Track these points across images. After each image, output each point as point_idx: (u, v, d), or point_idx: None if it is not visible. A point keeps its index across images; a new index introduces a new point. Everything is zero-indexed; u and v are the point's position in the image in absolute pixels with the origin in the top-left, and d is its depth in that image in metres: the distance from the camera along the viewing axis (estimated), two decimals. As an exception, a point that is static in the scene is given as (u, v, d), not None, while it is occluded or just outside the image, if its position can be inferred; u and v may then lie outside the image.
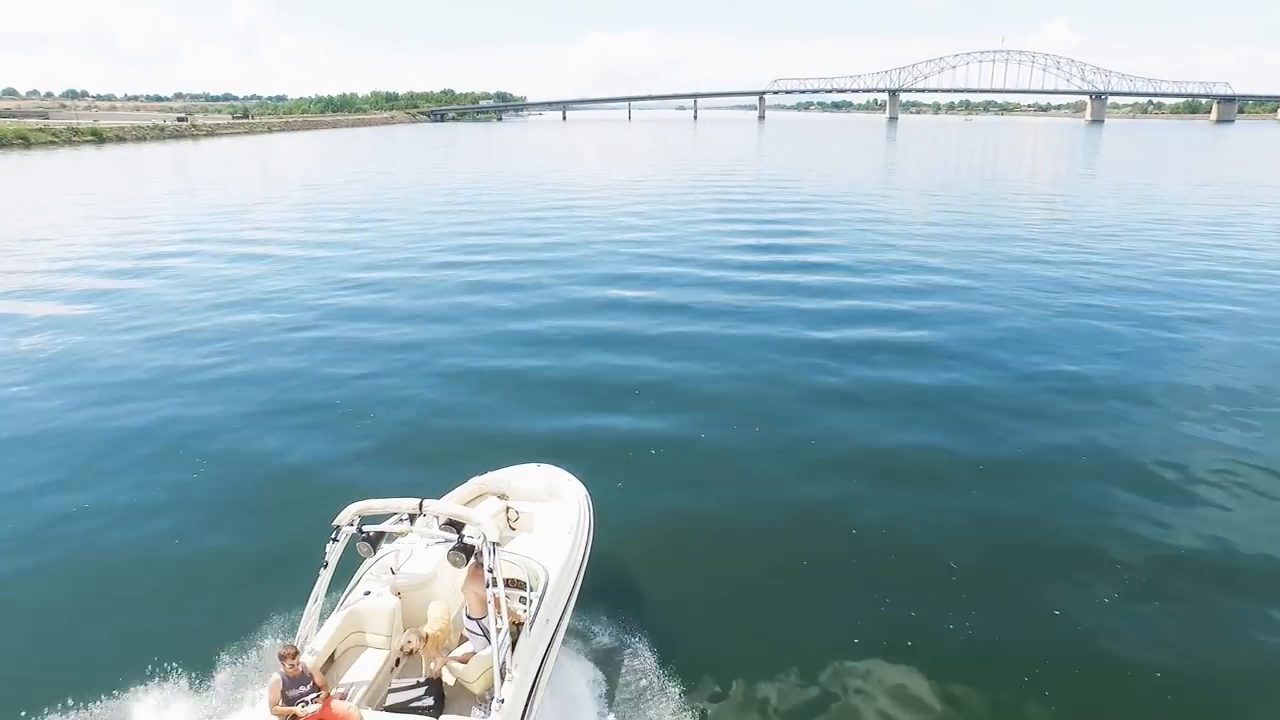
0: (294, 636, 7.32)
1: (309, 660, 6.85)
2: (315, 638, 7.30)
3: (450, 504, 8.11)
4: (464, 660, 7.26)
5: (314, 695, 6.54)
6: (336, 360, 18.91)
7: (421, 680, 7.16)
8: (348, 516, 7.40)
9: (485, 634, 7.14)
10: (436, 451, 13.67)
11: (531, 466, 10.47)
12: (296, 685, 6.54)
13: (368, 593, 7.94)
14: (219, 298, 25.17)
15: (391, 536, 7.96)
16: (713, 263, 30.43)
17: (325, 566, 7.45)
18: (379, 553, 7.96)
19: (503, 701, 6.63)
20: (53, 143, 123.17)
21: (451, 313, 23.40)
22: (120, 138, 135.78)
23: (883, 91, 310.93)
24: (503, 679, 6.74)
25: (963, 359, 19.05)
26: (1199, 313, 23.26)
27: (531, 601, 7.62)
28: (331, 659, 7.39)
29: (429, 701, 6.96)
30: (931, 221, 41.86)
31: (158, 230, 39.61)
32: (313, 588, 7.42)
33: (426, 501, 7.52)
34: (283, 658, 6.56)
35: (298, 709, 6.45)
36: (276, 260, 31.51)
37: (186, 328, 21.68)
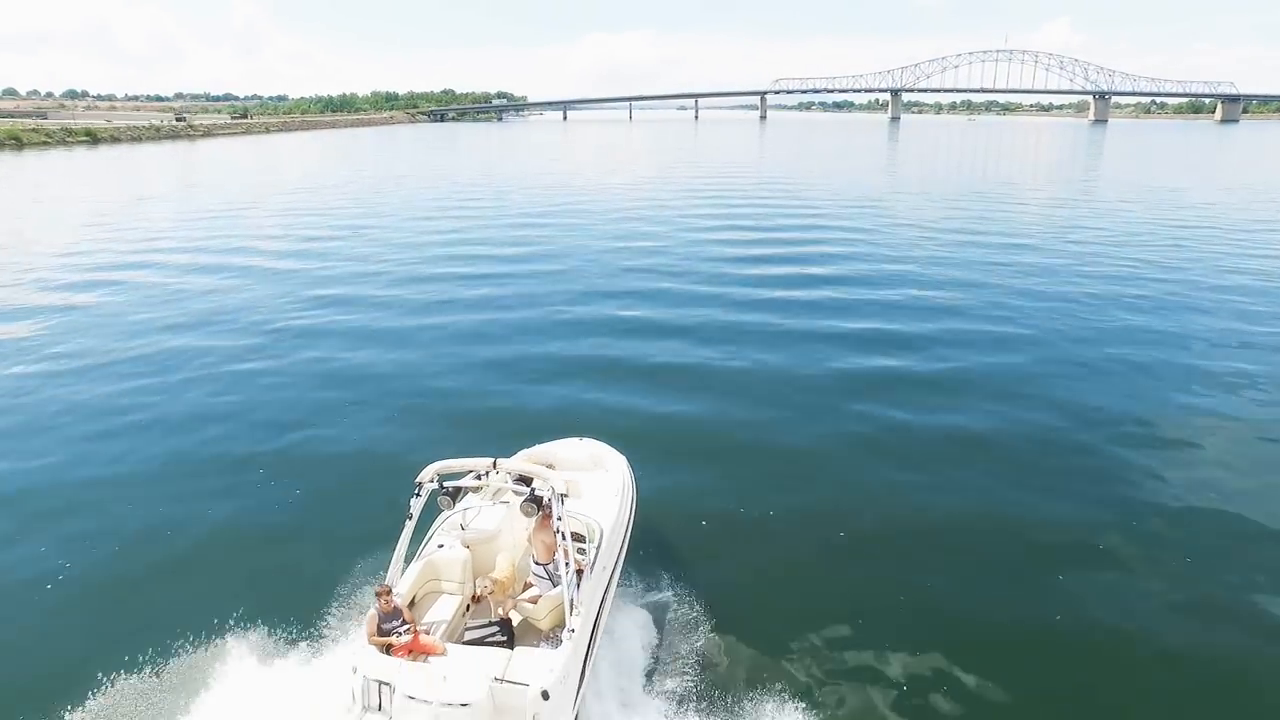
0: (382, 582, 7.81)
1: (397, 600, 7.66)
2: (399, 583, 8.13)
3: (520, 461, 9.32)
4: (533, 601, 8.11)
5: (405, 628, 7.46)
6: (274, 401, 16.38)
7: (493, 620, 8.04)
8: (429, 474, 8.21)
9: (551, 578, 8.14)
10: (369, 529, 10.79)
11: (575, 440, 11.38)
12: (390, 620, 7.46)
13: (441, 545, 8.86)
14: (163, 318, 22.71)
15: (467, 491, 9.01)
16: (715, 277, 27.99)
17: (410, 518, 8.30)
18: (453, 509, 8.92)
19: (573, 631, 7.53)
20: (46, 143, 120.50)
21: (417, 337, 20.91)
22: (115, 138, 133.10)
23: (885, 91, 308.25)
24: (571, 613, 7.65)
25: (1007, 398, 16.53)
26: (1269, 339, 20.72)
27: (589, 551, 8.59)
28: (412, 603, 8.17)
29: (502, 638, 7.79)
30: (949, 229, 39.32)
31: (123, 238, 37.19)
32: (398, 539, 8.26)
33: (499, 460, 8.44)
34: (379, 595, 7.50)
35: (392, 639, 7.34)
36: (240, 273, 29.10)
37: (115, 356, 19.18)
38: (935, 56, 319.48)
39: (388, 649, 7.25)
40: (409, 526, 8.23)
